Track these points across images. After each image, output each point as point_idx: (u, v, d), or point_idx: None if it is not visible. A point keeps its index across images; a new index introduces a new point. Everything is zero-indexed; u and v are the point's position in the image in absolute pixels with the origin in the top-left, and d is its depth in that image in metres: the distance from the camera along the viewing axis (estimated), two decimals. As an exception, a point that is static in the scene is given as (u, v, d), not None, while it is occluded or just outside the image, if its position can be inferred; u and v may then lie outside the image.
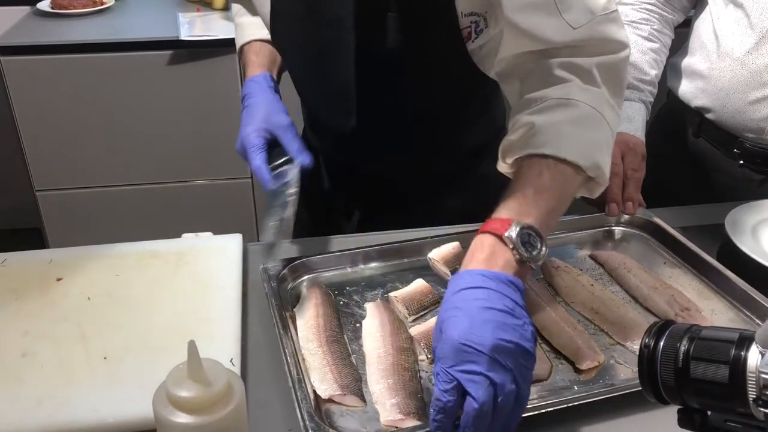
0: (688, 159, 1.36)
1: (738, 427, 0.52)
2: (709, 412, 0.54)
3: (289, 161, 1.02)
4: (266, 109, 1.04)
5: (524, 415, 0.73)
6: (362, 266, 1.05)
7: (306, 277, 1.02)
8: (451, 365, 0.66)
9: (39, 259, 1.03)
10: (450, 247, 1.03)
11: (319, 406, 0.80)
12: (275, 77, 1.15)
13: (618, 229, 1.16)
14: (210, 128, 2.21)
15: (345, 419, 0.79)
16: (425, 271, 1.03)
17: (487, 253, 0.74)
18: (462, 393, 0.66)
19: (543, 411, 0.77)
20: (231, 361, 0.85)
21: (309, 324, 0.91)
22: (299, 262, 1.02)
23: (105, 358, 0.85)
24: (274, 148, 1.04)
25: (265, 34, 1.15)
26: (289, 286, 1.00)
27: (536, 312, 0.93)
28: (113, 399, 0.79)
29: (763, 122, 1.21)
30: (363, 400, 0.81)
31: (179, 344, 0.86)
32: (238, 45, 1.22)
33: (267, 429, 0.78)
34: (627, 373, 0.85)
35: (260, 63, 1.14)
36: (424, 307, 0.96)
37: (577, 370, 0.86)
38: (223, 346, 0.87)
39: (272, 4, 1.05)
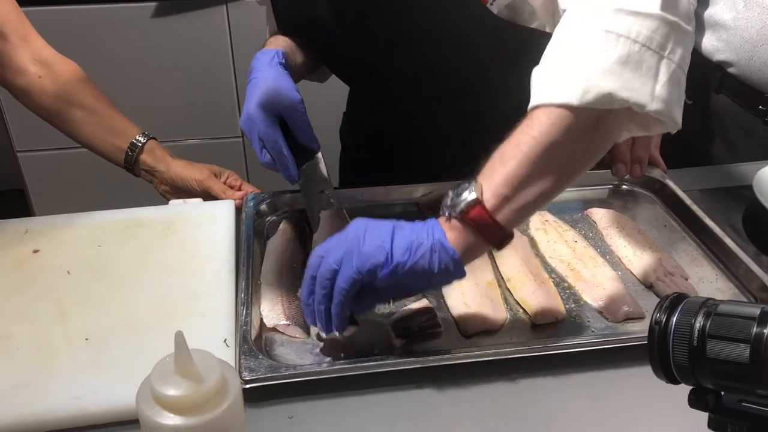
0: (708, 117, 1.29)
1: (753, 408, 0.49)
2: (722, 392, 0.51)
3: (311, 155, 0.96)
4: (274, 84, 0.94)
5: (444, 363, 0.76)
6: (346, 205, 1.01)
7: (284, 210, 1.04)
8: None
9: (13, 229, 0.96)
10: (439, 192, 1.01)
11: (261, 334, 0.81)
12: (294, 63, 1.04)
13: (624, 188, 1.12)
14: (198, 85, 2.13)
15: (284, 348, 0.80)
16: (410, 210, 1.05)
17: None
18: None
19: (464, 361, 0.77)
20: (225, 341, 0.78)
21: (274, 257, 0.93)
22: (281, 197, 1.04)
23: (87, 339, 0.78)
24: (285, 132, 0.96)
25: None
26: (268, 219, 1.02)
27: (505, 263, 0.92)
28: (96, 385, 0.72)
29: (793, 76, 1.14)
30: (306, 332, 0.81)
31: (168, 323, 0.80)
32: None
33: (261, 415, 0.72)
34: (586, 333, 0.82)
35: (275, 44, 1.04)
36: None
37: (534, 325, 0.83)
38: (215, 325, 0.80)
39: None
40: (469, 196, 0.69)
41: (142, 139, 1.11)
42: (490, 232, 0.70)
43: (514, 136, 0.70)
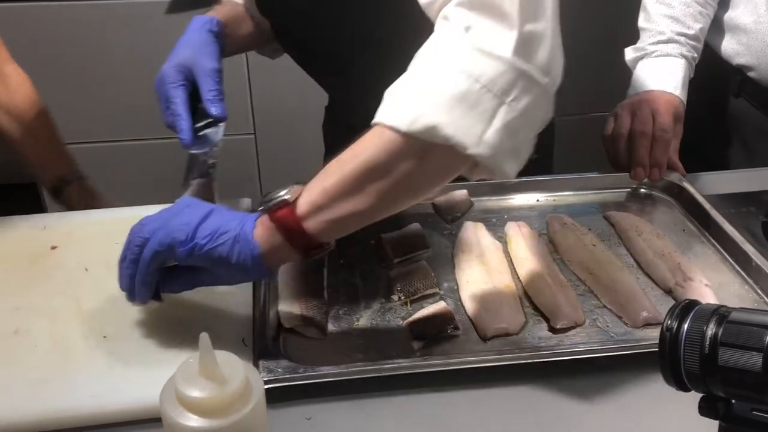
0: (727, 121, 1.28)
1: (765, 417, 0.48)
2: (733, 401, 0.50)
3: (214, 123, 0.93)
4: (193, 49, 0.93)
5: (463, 366, 0.75)
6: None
7: None
8: None
9: (31, 225, 0.96)
10: (456, 194, 1.03)
11: (279, 334, 0.81)
12: (235, 34, 1.04)
13: (643, 191, 1.11)
14: (211, 81, 2.11)
15: (302, 348, 0.79)
16: (425, 213, 1.03)
17: None
18: None
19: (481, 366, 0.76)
20: (243, 341, 0.77)
21: None
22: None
23: (105, 336, 0.78)
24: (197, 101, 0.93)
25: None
26: None
27: (523, 266, 0.91)
28: (114, 383, 0.72)
29: (815, 81, 1.13)
30: (324, 332, 0.81)
31: (186, 321, 0.80)
32: None
33: (280, 416, 0.72)
34: (604, 338, 0.82)
35: (217, 11, 1.03)
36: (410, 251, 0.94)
37: (553, 329, 0.82)
38: (233, 324, 0.80)
39: None
40: (282, 195, 0.69)
41: (71, 179, 1.17)
42: (295, 237, 0.69)
43: (347, 149, 0.69)
